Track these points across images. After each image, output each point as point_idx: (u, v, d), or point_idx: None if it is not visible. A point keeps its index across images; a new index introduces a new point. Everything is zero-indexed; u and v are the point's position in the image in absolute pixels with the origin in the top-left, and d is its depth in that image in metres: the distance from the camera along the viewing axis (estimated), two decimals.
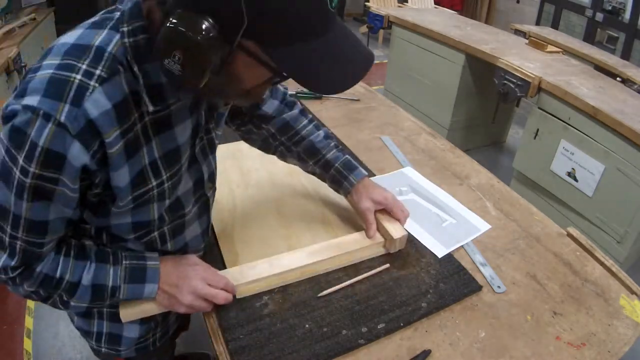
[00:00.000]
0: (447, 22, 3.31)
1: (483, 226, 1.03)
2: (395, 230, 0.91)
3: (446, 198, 1.12)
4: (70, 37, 0.56)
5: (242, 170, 1.16)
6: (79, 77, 0.52)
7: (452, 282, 0.87)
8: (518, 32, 3.44)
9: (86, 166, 0.55)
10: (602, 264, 0.95)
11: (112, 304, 0.74)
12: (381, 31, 5.69)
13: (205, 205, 0.81)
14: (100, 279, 0.69)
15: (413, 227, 1.01)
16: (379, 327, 0.77)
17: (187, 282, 0.73)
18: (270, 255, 0.86)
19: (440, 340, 0.76)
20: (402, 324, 0.78)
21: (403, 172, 1.22)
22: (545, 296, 0.86)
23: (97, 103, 0.53)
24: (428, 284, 0.86)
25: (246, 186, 1.10)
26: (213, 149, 0.78)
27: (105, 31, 0.55)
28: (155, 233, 0.74)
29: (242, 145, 1.28)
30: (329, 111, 1.54)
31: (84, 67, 0.53)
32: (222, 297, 0.75)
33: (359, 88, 1.75)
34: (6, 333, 1.70)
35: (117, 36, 0.55)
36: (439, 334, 0.77)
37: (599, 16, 4.44)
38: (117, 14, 0.56)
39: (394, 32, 3.41)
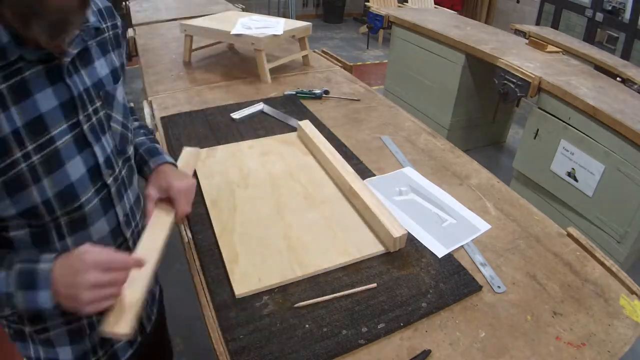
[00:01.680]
0: (447, 22, 3.31)
1: (483, 226, 1.03)
2: (395, 229, 0.91)
3: (446, 198, 1.12)
4: None
5: (242, 170, 1.16)
6: None
7: (452, 282, 0.87)
8: (518, 32, 3.44)
9: None
10: (602, 264, 0.95)
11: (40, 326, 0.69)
12: (381, 31, 5.69)
13: (108, 197, 0.76)
14: None
15: (413, 227, 1.01)
16: (379, 327, 0.77)
17: (80, 277, 0.62)
18: (271, 255, 0.85)
19: (440, 340, 0.76)
20: (402, 324, 0.78)
21: (403, 172, 1.22)
22: (545, 296, 0.86)
23: None
24: (428, 284, 0.86)
25: (246, 186, 1.10)
26: (105, 131, 0.74)
27: None
28: (50, 224, 0.69)
29: (242, 146, 1.28)
30: (329, 111, 1.54)
31: None
32: (123, 277, 0.66)
33: (359, 88, 1.75)
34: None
35: None
36: (439, 334, 0.77)
37: (599, 16, 4.44)
38: None
39: (394, 32, 3.41)
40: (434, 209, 1.08)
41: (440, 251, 0.94)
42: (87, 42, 0.71)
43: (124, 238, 0.82)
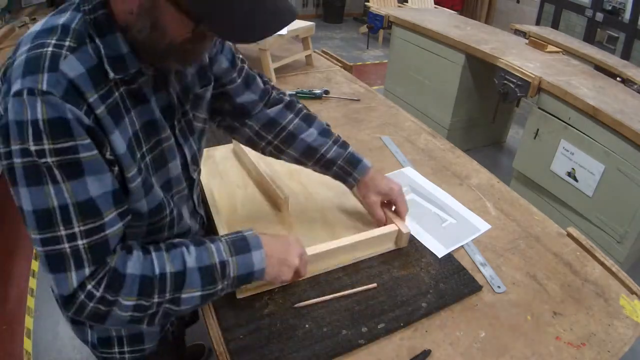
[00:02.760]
0: (447, 22, 3.31)
1: (483, 226, 1.03)
2: (402, 225, 0.91)
3: (446, 198, 1.12)
4: (36, 26, 0.59)
5: (242, 170, 1.16)
6: (50, 49, 0.55)
7: (452, 282, 0.87)
8: (518, 32, 3.44)
9: (87, 126, 0.56)
10: (602, 264, 0.95)
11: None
12: (381, 31, 5.69)
13: (190, 187, 0.81)
14: (204, 259, 0.66)
15: (413, 227, 1.01)
16: (379, 327, 0.77)
17: (292, 247, 0.75)
18: None
19: (440, 340, 0.76)
20: (402, 324, 0.78)
21: (403, 172, 1.22)
22: (545, 296, 0.86)
23: (71, 66, 0.55)
24: (428, 284, 0.86)
25: (246, 186, 1.10)
26: (193, 132, 0.77)
27: (69, 13, 0.59)
28: (167, 217, 0.73)
29: (242, 146, 1.28)
30: (329, 111, 1.54)
31: (53, 41, 0.56)
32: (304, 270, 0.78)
33: (359, 88, 1.75)
34: (6, 333, 1.71)
35: (80, 15, 0.58)
36: (439, 334, 0.77)
37: (599, 16, 4.44)
38: None
39: (394, 32, 3.41)
40: (434, 209, 1.08)
41: (440, 251, 0.94)
42: None
43: (199, 216, 0.89)
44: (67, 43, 0.56)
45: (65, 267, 0.57)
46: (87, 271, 0.58)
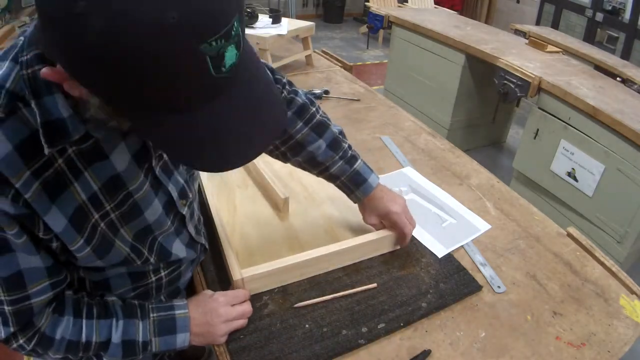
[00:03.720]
0: (447, 22, 3.31)
1: (483, 226, 1.03)
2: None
3: (446, 198, 1.12)
4: None
5: (242, 170, 1.16)
6: None
7: (452, 282, 0.87)
8: (518, 32, 3.44)
9: (13, 215, 0.51)
10: (602, 264, 0.95)
11: None
12: (381, 31, 5.69)
13: (181, 221, 0.75)
14: (130, 334, 0.67)
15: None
16: (379, 327, 0.77)
17: (215, 315, 0.73)
18: (271, 255, 0.85)
19: (440, 340, 0.76)
20: (402, 324, 0.78)
21: (403, 172, 1.22)
22: (545, 296, 0.86)
23: None
24: (428, 284, 0.86)
25: (246, 186, 1.10)
26: (177, 165, 0.71)
27: (6, 64, 0.51)
28: (144, 263, 0.70)
29: None
30: (328, 111, 1.53)
31: None
32: (249, 308, 0.77)
33: (359, 88, 1.75)
34: None
35: (16, 69, 0.50)
36: (439, 334, 0.77)
37: (599, 16, 4.44)
38: (20, 40, 0.52)
39: (394, 32, 3.41)
40: (434, 209, 1.08)
41: (440, 251, 0.94)
42: None
43: (199, 244, 0.83)
44: None
45: None
46: (12, 329, 0.60)
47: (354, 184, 0.90)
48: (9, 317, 0.59)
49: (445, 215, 1.06)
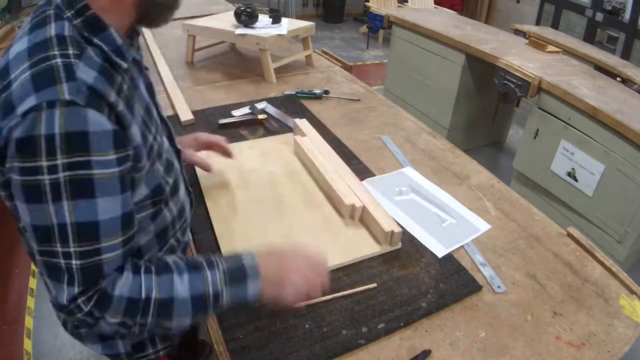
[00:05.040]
0: (447, 22, 3.31)
1: (483, 226, 1.03)
2: (387, 224, 0.91)
3: (446, 198, 1.12)
4: (20, 46, 0.57)
5: (242, 170, 1.16)
6: (59, 60, 0.55)
7: (452, 282, 0.87)
8: (518, 32, 3.44)
9: (111, 131, 0.56)
10: (602, 264, 0.95)
11: None
12: (381, 31, 5.69)
13: (179, 159, 0.85)
14: (199, 287, 0.63)
15: (413, 227, 1.01)
16: (379, 327, 0.77)
17: (289, 280, 0.68)
18: None
19: (440, 340, 0.76)
20: (402, 324, 0.78)
21: (403, 172, 1.22)
22: (545, 296, 0.86)
23: (86, 72, 0.56)
24: (428, 284, 0.86)
25: (246, 186, 1.10)
26: (160, 110, 0.83)
27: (52, 24, 0.58)
28: (166, 199, 0.75)
29: (243, 145, 1.28)
30: (329, 111, 1.54)
31: (56, 52, 0.55)
32: (327, 279, 0.73)
33: (359, 88, 1.75)
34: (6, 333, 1.70)
35: (66, 23, 0.58)
36: (439, 334, 0.77)
37: (599, 16, 4.44)
38: (50, 9, 0.60)
39: (394, 32, 3.41)
40: (434, 208, 1.08)
41: (440, 251, 0.94)
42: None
43: (189, 191, 0.90)
44: (71, 51, 0.56)
45: (59, 278, 0.57)
46: (76, 290, 0.57)
47: None
48: (75, 275, 0.56)
49: (445, 215, 1.06)
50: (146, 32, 2.20)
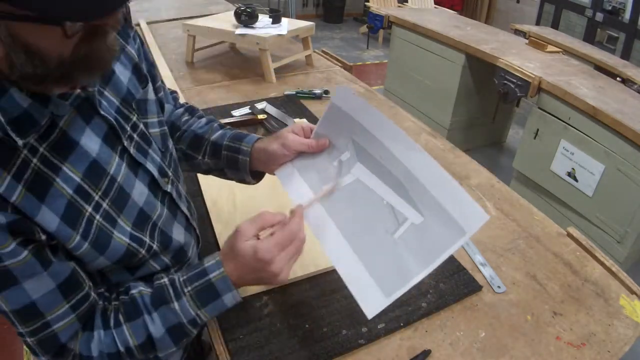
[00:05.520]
0: (447, 22, 3.31)
1: (476, 219, 0.56)
2: None
3: (418, 164, 0.61)
4: None
5: None
6: None
7: (452, 282, 0.87)
8: (518, 32, 3.44)
9: (5, 224, 0.49)
10: (602, 264, 0.95)
11: None
12: (381, 31, 5.69)
13: (172, 201, 0.74)
14: (172, 320, 0.62)
15: (343, 262, 0.64)
16: (379, 327, 0.77)
17: (258, 258, 0.60)
18: None
19: (440, 340, 0.76)
20: (402, 324, 0.78)
21: (334, 102, 0.69)
22: (545, 296, 0.86)
23: None
24: (428, 284, 0.86)
25: (246, 186, 1.10)
26: (150, 142, 0.69)
27: None
28: (149, 259, 0.69)
29: None
30: None
31: None
32: (297, 228, 0.63)
33: (359, 88, 1.75)
34: (6, 333, 1.70)
35: None
36: (439, 334, 0.77)
37: (599, 16, 4.44)
38: None
39: (394, 32, 3.41)
40: (388, 194, 0.62)
41: (372, 307, 0.60)
42: None
43: (193, 228, 0.81)
44: None
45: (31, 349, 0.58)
46: (45, 358, 0.58)
47: (237, 140, 0.81)
48: (36, 349, 0.57)
49: (406, 207, 0.60)
50: (146, 32, 2.20)
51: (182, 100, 0.96)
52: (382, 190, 0.64)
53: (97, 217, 0.59)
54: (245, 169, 0.80)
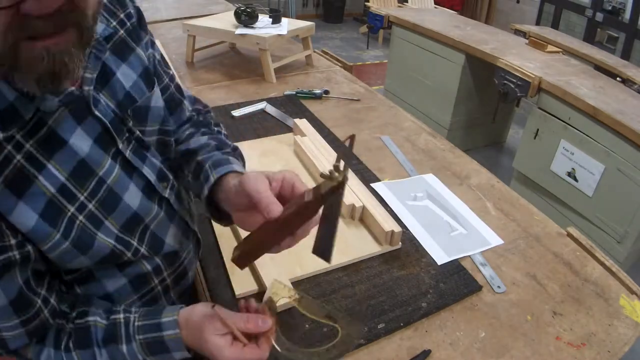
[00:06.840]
0: (447, 22, 3.31)
1: (494, 240, 0.99)
2: (388, 224, 0.91)
3: (462, 209, 1.09)
4: None
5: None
6: None
7: (452, 282, 0.87)
8: (518, 32, 3.44)
9: None
10: (602, 264, 0.95)
11: None
12: (381, 31, 5.69)
13: (169, 205, 0.72)
14: (118, 359, 0.61)
15: (419, 231, 0.99)
16: (379, 327, 0.77)
17: (208, 348, 0.60)
18: (270, 255, 0.85)
19: (440, 340, 0.76)
20: (402, 324, 0.78)
21: (424, 177, 1.20)
22: (545, 296, 0.86)
23: None
24: (428, 284, 0.86)
25: None
26: (148, 148, 0.68)
27: None
28: (140, 260, 0.68)
29: (242, 146, 1.28)
30: (329, 111, 1.54)
31: None
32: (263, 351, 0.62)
33: (359, 88, 1.75)
34: None
35: None
36: (439, 334, 0.77)
37: (599, 16, 4.44)
38: None
39: (394, 32, 3.41)
40: (446, 216, 1.06)
41: (440, 258, 0.92)
42: (102, 57, 0.61)
43: (193, 231, 0.79)
44: None
45: None
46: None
47: (216, 165, 0.71)
48: None
49: (457, 225, 1.03)
50: None
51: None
52: (442, 213, 1.07)
53: (80, 217, 0.58)
54: (207, 182, 0.69)
